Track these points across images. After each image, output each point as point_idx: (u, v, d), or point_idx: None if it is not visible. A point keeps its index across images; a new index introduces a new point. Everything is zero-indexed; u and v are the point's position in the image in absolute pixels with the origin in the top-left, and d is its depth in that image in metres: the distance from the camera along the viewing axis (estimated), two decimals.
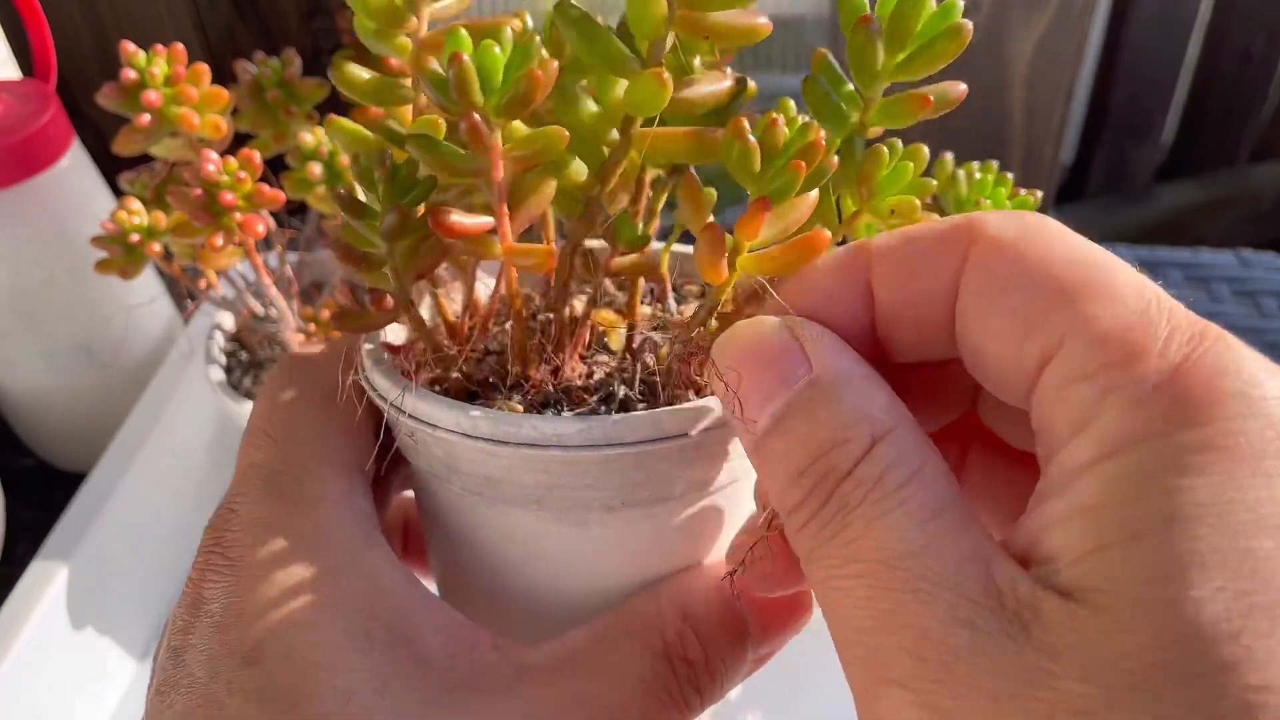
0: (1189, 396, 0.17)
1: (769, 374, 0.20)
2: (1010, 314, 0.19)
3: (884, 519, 0.18)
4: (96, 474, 0.53)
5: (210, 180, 0.40)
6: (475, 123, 0.21)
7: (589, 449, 0.23)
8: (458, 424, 0.23)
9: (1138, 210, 1.49)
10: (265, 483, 0.26)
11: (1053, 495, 0.18)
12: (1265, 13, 1.37)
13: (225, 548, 0.25)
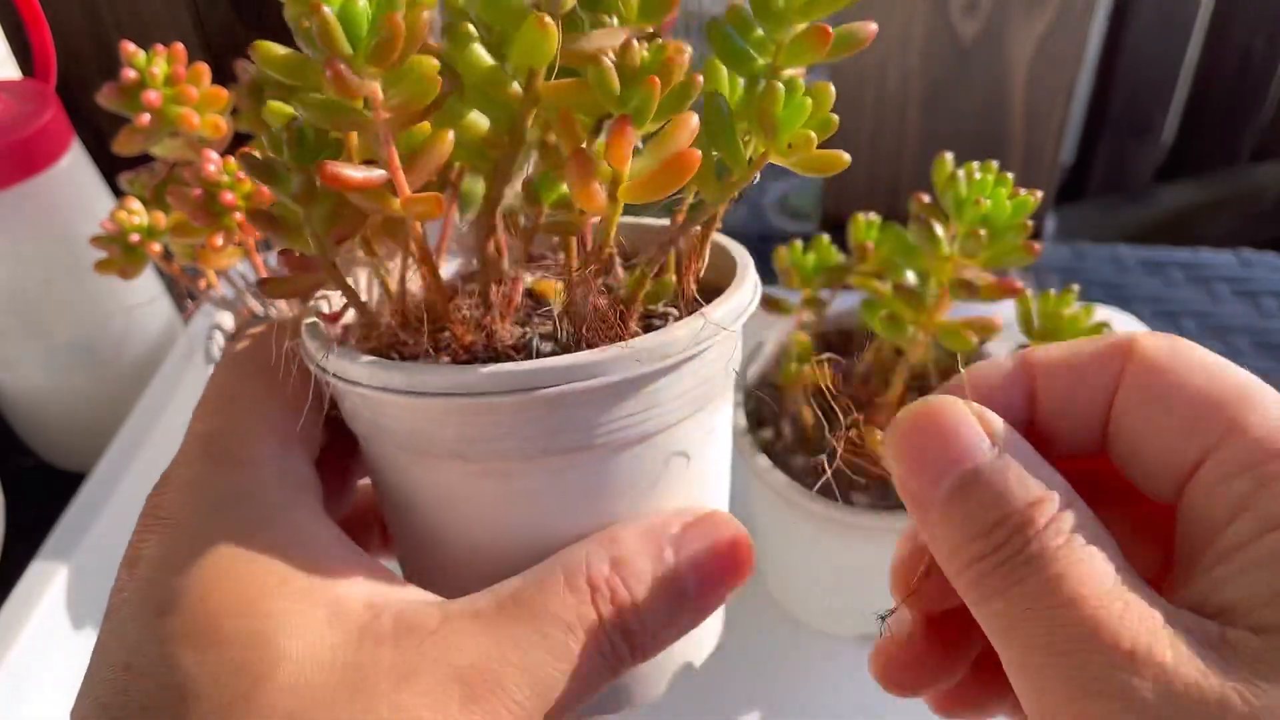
0: None
1: (956, 441, 0.22)
2: (1168, 421, 0.22)
3: (1081, 564, 0.20)
4: (96, 474, 0.53)
5: (210, 180, 0.40)
6: (339, 69, 0.21)
7: (499, 395, 0.23)
8: (373, 378, 0.24)
9: (1138, 210, 1.48)
10: (201, 447, 0.26)
11: (1218, 564, 0.21)
12: (1265, 13, 1.37)
13: (159, 508, 0.25)
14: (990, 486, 0.22)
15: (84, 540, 0.50)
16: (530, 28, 0.22)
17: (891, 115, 0.81)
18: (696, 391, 0.26)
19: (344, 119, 0.23)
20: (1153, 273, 0.78)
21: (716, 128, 0.24)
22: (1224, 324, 0.73)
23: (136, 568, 0.24)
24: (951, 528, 0.22)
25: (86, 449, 0.60)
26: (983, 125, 0.81)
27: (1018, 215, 0.37)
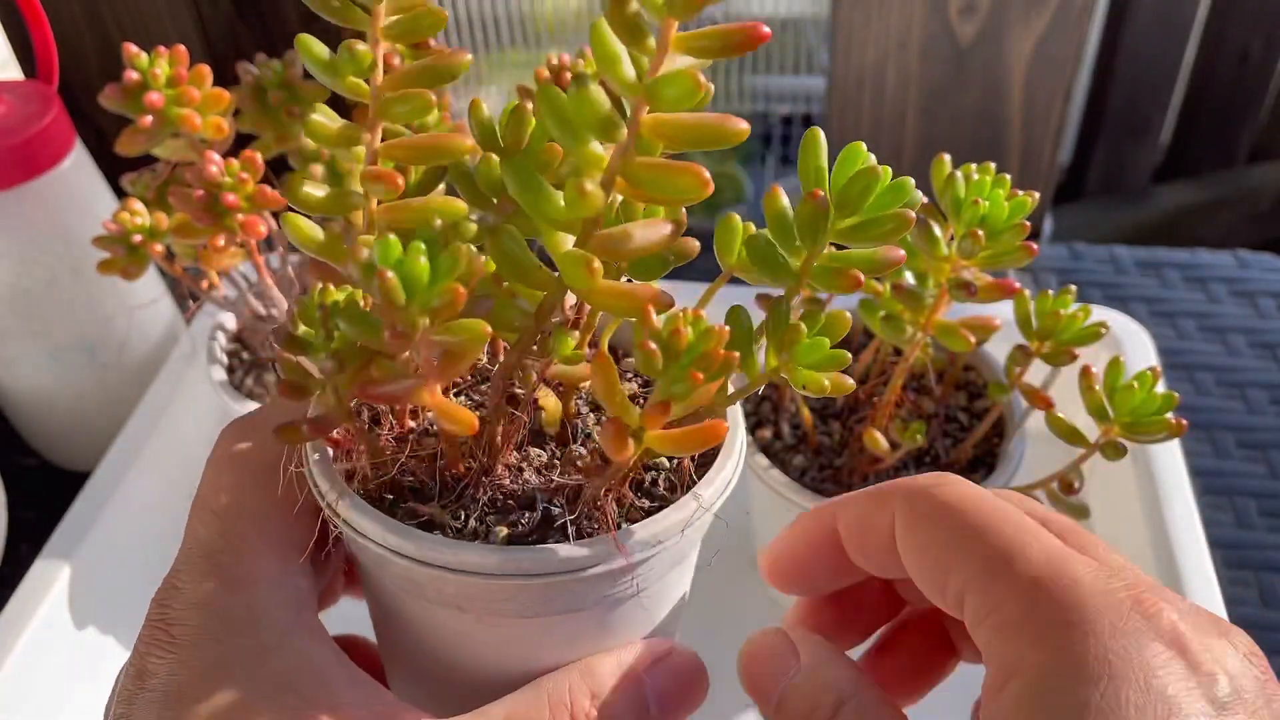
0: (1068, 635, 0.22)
1: (771, 670, 0.28)
2: (926, 561, 0.26)
3: None
4: (99, 474, 0.53)
5: (212, 181, 0.41)
6: (398, 335, 0.22)
7: (506, 578, 0.25)
8: (385, 540, 0.25)
9: (1136, 211, 1.49)
10: (206, 560, 0.27)
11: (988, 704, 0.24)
12: (1263, 14, 1.38)
13: (169, 624, 0.26)
14: (794, 704, 0.27)
15: (86, 540, 0.50)
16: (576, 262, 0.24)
17: (890, 116, 0.81)
18: (678, 553, 0.28)
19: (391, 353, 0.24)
20: (1150, 273, 0.78)
21: (739, 341, 0.26)
22: (1221, 324, 0.73)
23: (145, 681, 0.25)
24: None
25: (89, 449, 0.60)
26: (980, 126, 0.81)
27: (1015, 216, 0.37)
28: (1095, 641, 0.22)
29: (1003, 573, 0.24)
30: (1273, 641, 0.53)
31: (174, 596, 0.27)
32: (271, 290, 0.48)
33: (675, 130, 0.23)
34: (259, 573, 0.27)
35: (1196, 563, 0.46)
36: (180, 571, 0.28)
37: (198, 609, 0.26)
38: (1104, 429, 0.39)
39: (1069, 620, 0.22)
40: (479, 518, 0.26)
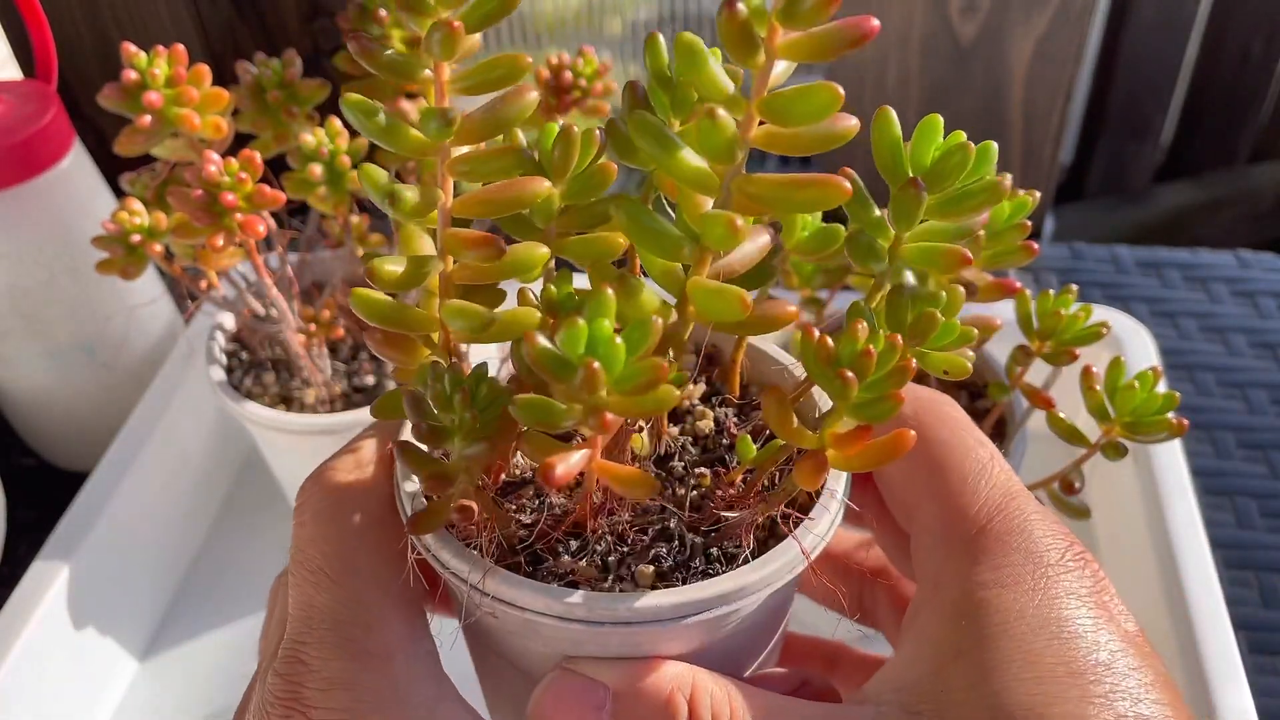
0: (987, 549, 0.25)
1: (581, 714, 0.25)
2: (898, 472, 0.28)
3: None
4: (98, 474, 0.53)
5: (211, 181, 0.41)
6: (607, 422, 0.21)
7: (682, 619, 0.24)
8: (549, 608, 0.24)
9: (1137, 210, 1.49)
10: (333, 633, 0.26)
11: (911, 621, 0.26)
12: (1264, 14, 1.37)
13: (307, 707, 0.25)
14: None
15: (85, 540, 0.50)
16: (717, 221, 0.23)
17: None
18: None
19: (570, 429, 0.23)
20: (1151, 273, 0.78)
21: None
22: (1222, 324, 0.73)
23: None
24: None
25: (88, 449, 0.60)
26: (981, 125, 0.81)
27: (1016, 216, 0.37)
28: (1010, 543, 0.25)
29: (955, 519, 0.26)
30: (1273, 642, 0.53)
31: (305, 675, 0.25)
32: (270, 290, 0.48)
33: (790, 142, 0.23)
34: (393, 644, 0.26)
35: (1197, 563, 0.46)
36: (305, 645, 0.26)
37: (338, 690, 0.25)
38: (1105, 429, 0.39)
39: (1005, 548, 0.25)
40: (617, 563, 0.26)
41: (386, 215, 0.26)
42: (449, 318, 0.26)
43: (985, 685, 0.23)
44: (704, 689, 0.25)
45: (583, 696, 0.25)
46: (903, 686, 0.24)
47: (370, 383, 0.52)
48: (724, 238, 0.23)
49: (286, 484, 0.58)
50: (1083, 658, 0.23)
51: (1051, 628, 0.23)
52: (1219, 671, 0.42)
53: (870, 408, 0.23)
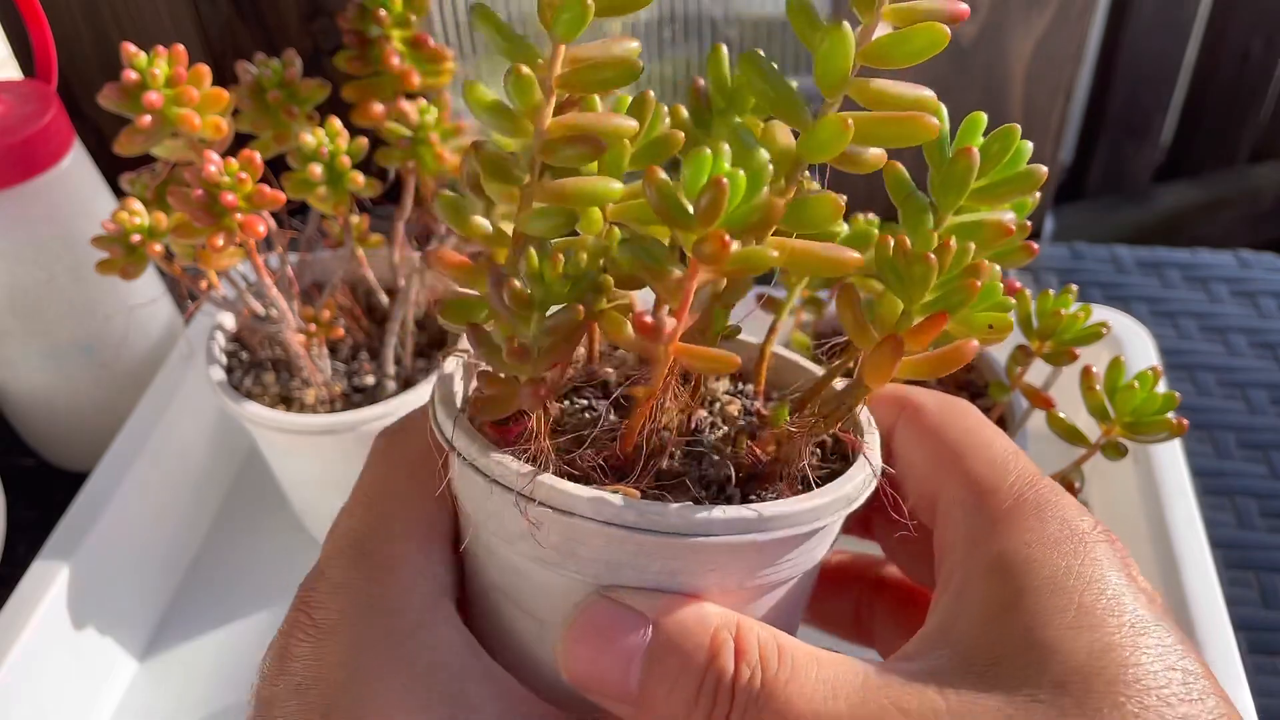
0: (1023, 516, 0.26)
1: (618, 644, 0.24)
2: (919, 456, 0.29)
3: (791, 683, 0.23)
4: (97, 474, 0.53)
5: (211, 181, 0.41)
6: (725, 243, 0.21)
7: (734, 536, 0.24)
8: (599, 512, 0.24)
9: (1137, 210, 1.49)
10: (353, 547, 0.27)
11: (946, 584, 0.27)
12: (1264, 13, 1.38)
13: (311, 608, 0.26)
14: (668, 663, 0.24)
15: (85, 540, 0.50)
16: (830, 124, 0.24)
17: None
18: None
19: (670, 279, 0.23)
20: (1151, 273, 0.78)
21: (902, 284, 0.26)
22: (1222, 324, 0.73)
23: (287, 665, 0.26)
24: (667, 710, 0.24)
25: (88, 449, 0.60)
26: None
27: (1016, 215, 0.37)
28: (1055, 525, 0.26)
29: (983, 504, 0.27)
30: (1273, 642, 0.53)
31: (319, 582, 0.27)
32: (270, 290, 0.48)
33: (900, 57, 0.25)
34: (401, 557, 0.27)
35: (1197, 563, 0.46)
36: (328, 558, 0.28)
37: (340, 593, 0.26)
38: (1105, 429, 0.39)
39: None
40: (657, 497, 0.25)
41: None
42: (530, 221, 0.26)
43: (1039, 633, 0.23)
44: (750, 629, 0.24)
45: (620, 624, 0.24)
46: (951, 641, 0.25)
47: (370, 382, 0.52)
48: (836, 138, 0.24)
49: (286, 484, 0.58)
50: (1130, 612, 0.24)
51: (1098, 584, 0.24)
52: (1219, 671, 0.42)
53: (946, 299, 0.24)
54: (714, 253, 0.21)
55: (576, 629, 0.25)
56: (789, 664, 0.24)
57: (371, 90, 0.49)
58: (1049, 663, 0.23)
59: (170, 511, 0.57)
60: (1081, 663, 0.23)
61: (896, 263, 0.24)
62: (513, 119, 0.25)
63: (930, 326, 0.23)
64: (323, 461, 0.53)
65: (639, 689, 0.24)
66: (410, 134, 0.48)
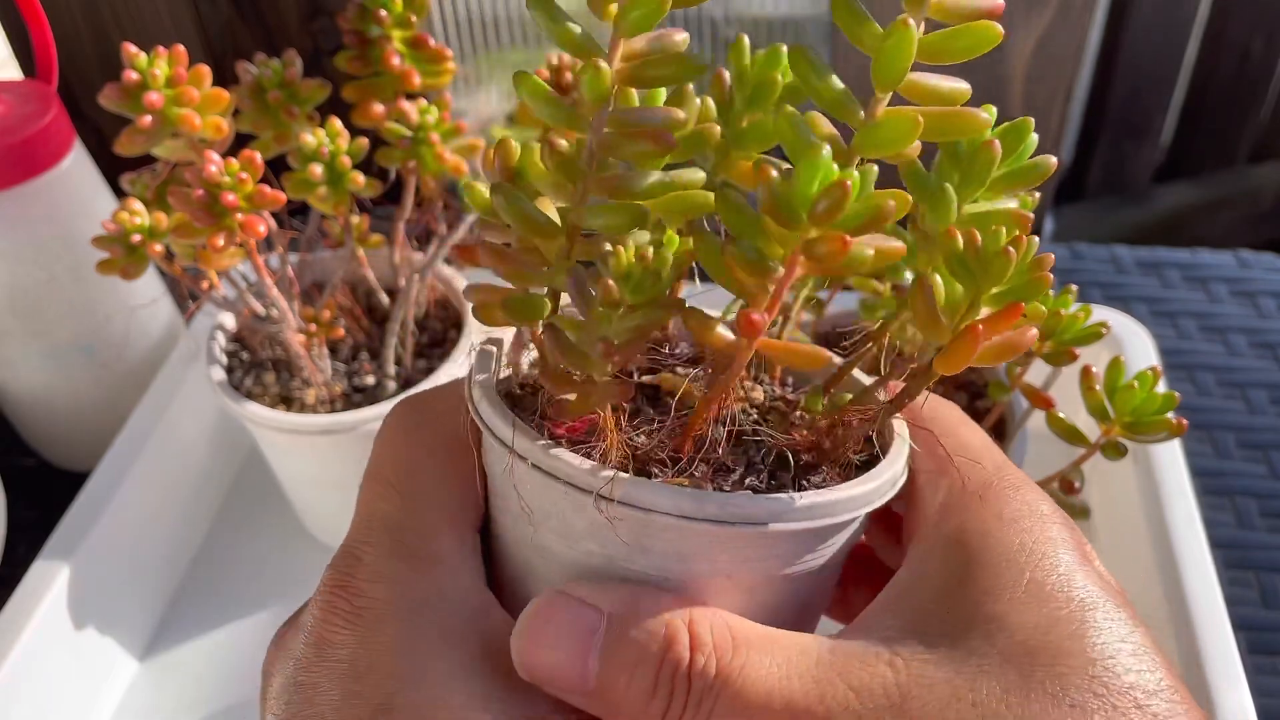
0: (989, 496, 0.27)
1: (573, 638, 0.24)
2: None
3: (746, 668, 0.24)
4: (98, 474, 0.53)
5: (212, 181, 0.41)
6: (846, 243, 0.22)
7: (810, 522, 0.25)
8: (679, 508, 0.24)
9: (1137, 210, 1.49)
10: (389, 535, 0.27)
11: (911, 553, 0.27)
12: (1264, 13, 1.38)
13: (351, 595, 0.26)
14: (624, 655, 0.24)
15: (86, 540, 0.50)
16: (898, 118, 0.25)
17: None
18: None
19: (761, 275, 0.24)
20: (1151, 273, 0.78)
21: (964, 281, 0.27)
22: (1222, 324, 0.73)
23: (327, 652, 0.25)
24: (615, 703, 0.24)
25: (88, 449, 0.60)
26: None
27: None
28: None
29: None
30: (1273, 642, 0.53)
31: (356, 567, 0.26)
32: (271, 290, 0.48)
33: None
34: (443, 551, 0.27)
35: (1197, 563, 0.46)
36: (362, 543, 0.27)
37: (384, 584, 0.26)
38: (1105, 429, 0.39)
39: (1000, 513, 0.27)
40: (716, 487, 0.26)
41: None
42: (595, 215, 0.26)
43: (990, 605, 0.24)
44: (704, 617, 0.25)
45: (574, 618, 0.25)
46: (904, 611, 0.25)
47: (370, 383, 0.52)
48: (904, 135, 0.25)
49: (286, 484, 0.58)
50: (1080, 589, 0.25)
51: (1051, 561, 0.25)
52: (1219, 671, 0.42)
53: (1016, 290, 0.25)
54: (832, 253, 0.22)
55: (531, 625, 0.25)
56: (744, 650, 0.24)
57: (372, 90, 0.49)
58: (997, 635, 0.24)
59: (170, 511, 0.57)
60: (1028, 635, 0.23)
61: (968, 256, 0.25)
62: (571, 112, 0.25)
63: (1006, 317, 0.24)
64: (323, 461, 0.53)
65: (596, 681, 0.24)
66: (410, 134, 0.48)
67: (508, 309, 0.26)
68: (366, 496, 0.28)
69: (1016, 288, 0.25)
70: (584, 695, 0.24)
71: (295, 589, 0.58)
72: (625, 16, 0.24)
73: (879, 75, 0.25)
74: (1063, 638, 0.23)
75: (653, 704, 0.24)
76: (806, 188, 0.22)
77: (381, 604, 0.25)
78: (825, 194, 0.22)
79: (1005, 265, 0.24)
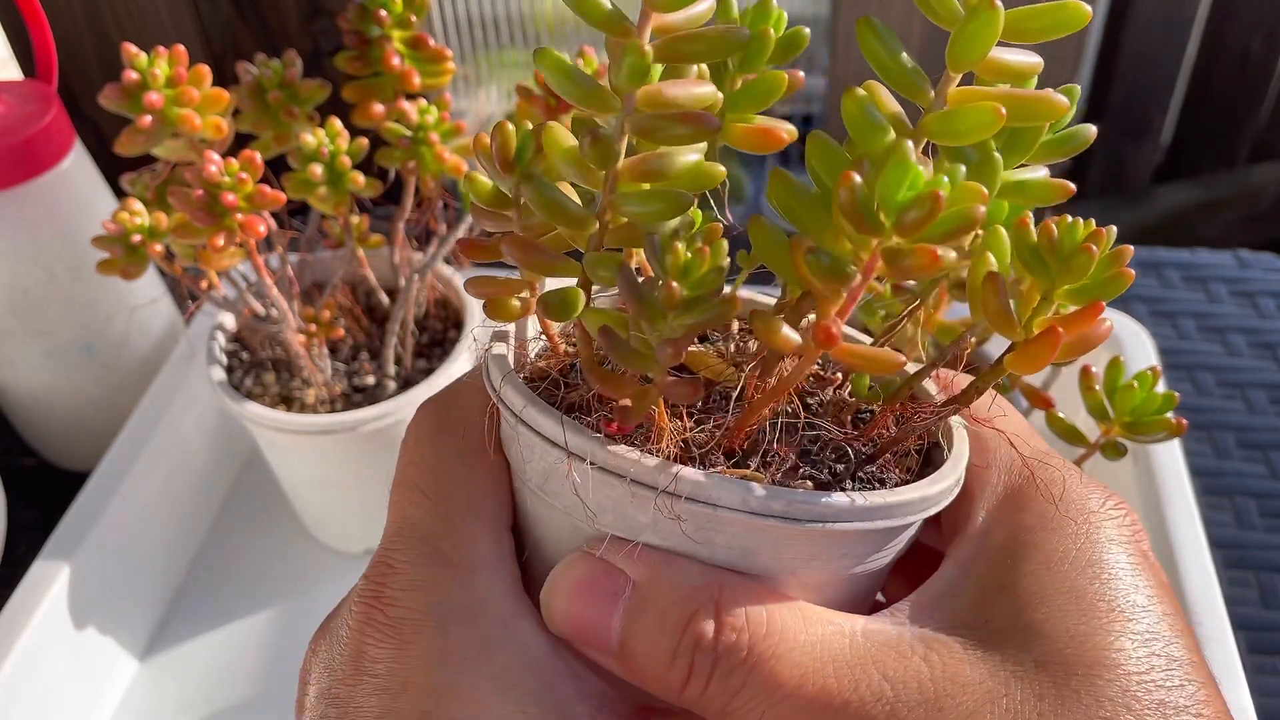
0: (1031, 496, 0.27)
1: (599, 599, 0.25)
2: None
3: (779, 653, 0.23)
4: (98, 474, 0.53)
5: (212, 181, 0.41)
6: (936, 257, 0.20)
7: (875, 522, 0.24)
8: (745, 503, 0.24)
9: (1136, 210, 1.49)
10: (423, 543, 0.27)
11: (954, 555, 0.27)
12: (1264, 13, 1.38)
13: (386, 605, 0.26)
14: (646, 621, 0.24)
15: (86, 540, 0.50)
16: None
17: None
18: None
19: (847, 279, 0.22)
20: (1150, 273, 0.78)
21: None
22: (1222, 324, 0.73)
23: (364, 666, 0.25)
24: (638, 670, 0.25)
25: (88, 449, 0.60)
26: None
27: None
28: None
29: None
30: (1273, 642, 0.53)
31: (390, 576, 0.26)
32: (271, 290, 0.48)
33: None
34: (477, 558, 0.27)
35: (1196, 563, 0.46)
36: (394, 550, 0.27)
37: (419, 593, 0.26)
38: (1104, 429, 0.39)
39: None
40: (777, 481, 0.25)
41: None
42: (633, 203, 0.24)
43: (1029, 614, 0.24)
44: (735, 592, 0.24)
45: (601, 580, 0.25)
46: (944, 613, 0.25)
47: (370, 382, 0.52)
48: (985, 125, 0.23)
49: (286, 484, 0.58)
50: (1123, 596, 0.24)
51: (1094, 568, 0.25)
52: (1219, 671, 0.42)
53: (1101, 286, 0.24)
54: (920, 266, 0.21)
55: (560, 581, 0.25)
56: (777, 632, 0.24)
57: (372, 91, 0.49)
58: (1034, 644, 0.24)
59: (170, 511, 0.57)
60: (1065, 644, 0.23)
61: (1043, 249, 0.24)
62: (599, 92, 0.24)
63: (1087, 316, 0.23)
64: (323, 461, 0.53)
65: (620, 644, 0.24)
66: (410, 134, 0.48)
67: (545, 307, 0.25)
68: (397, 503, 0.28)
69: (1095, 285, 0.24)
70: (609, 655, 0.25)
71: (295, 589, 0.58)
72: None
73: (956, 55, 0.23)
74: (1099, 649, 0.23)
75: (672, 673, 0.24)
76: (893, 194, 0.21)
77: (417, 614, 0.25)
78: (916, 204, 0.20)
79: (1086, 263, 0.23)
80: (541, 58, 0.23)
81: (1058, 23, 0.23)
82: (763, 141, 0.26)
